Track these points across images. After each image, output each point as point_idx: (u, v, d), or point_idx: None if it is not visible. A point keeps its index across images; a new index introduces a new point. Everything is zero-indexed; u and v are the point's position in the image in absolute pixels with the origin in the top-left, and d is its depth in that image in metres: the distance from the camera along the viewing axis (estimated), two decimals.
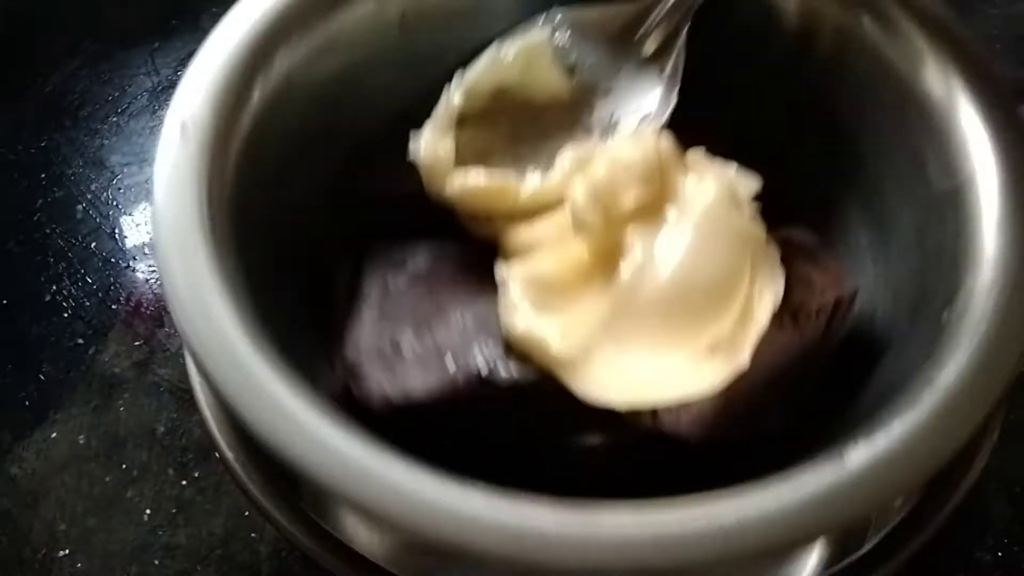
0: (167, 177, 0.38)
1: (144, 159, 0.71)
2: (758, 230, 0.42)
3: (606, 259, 0.42)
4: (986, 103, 0.41)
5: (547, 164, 0.46)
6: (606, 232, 0.42)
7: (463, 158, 0.46)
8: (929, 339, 0.37)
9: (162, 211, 0.37)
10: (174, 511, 0.53)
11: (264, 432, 0.33)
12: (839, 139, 0.48)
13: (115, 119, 0.74)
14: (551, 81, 0.48)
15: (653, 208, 0.42)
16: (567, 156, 0.45)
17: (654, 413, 0.39)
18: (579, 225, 0.42)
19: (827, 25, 0.47)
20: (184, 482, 0.54)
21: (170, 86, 0.76)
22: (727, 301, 0.40)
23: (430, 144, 0.44)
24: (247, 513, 0.52)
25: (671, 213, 0.42)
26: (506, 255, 0.44)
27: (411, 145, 0.45)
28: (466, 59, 0.48)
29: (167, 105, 0.73)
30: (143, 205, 0.68)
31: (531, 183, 0.44)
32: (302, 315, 0.44)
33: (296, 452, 0.32)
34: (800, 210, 0.46)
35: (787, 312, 0.41)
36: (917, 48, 0.43)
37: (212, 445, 0.40)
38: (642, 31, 0.48)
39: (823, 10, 0.46)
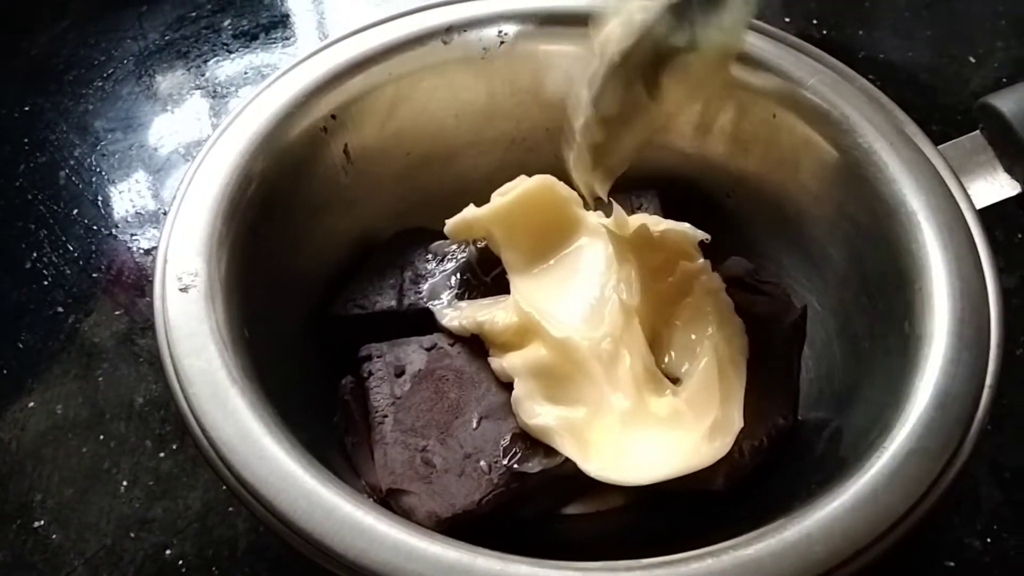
0: (183, 335, 0.40)
1: (129, 125, 0.70)
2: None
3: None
4: (892, 141, 0.46)
5: None
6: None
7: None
8: (899, 352, 0.41)
9: (187, 367, 0.39)
10: (151, 483, 0.52)
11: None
12: (759, 195, 0.53)
13: (100, 84, 0.73)
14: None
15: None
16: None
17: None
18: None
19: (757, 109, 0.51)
20: (162, 454, 0.53)
21: (157, 50, 0.75)
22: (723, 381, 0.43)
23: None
24: (225, 487, 0.51)
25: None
26: (493, 345, 0.47)
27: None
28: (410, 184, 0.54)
29: (154, 70, 0.72)
30: (127, 172, 0.67)
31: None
32: (323, 435, 0.46)
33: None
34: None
35: (755, 358, 0.45)
36: (828, 110, 0.48)
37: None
38: None
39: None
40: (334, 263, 0.53)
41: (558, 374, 0.44)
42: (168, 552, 0.49)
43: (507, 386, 0.45)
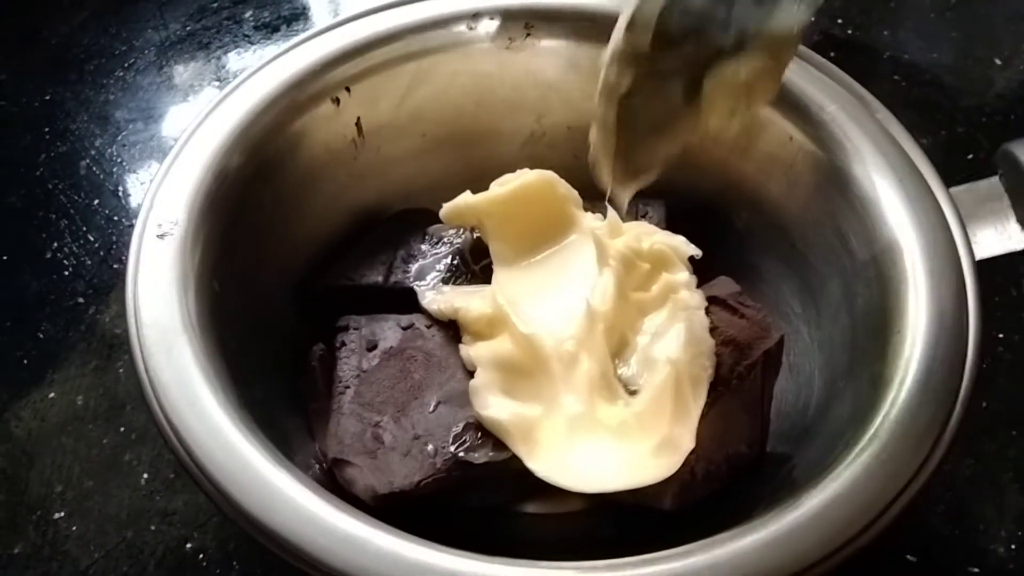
0: (147, 279, 0.41)
1: (150, 116, 0.70)
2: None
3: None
4: (901, 178, 0.45)
5: None
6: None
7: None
8: (866, 393, 0.40)
9: (145, 311, 0.41)
10: (172, 476, 0.52)
11: (256, 511, 0.35)
12: (766, 217, 0.52)
13: (121, 74, 0.73)
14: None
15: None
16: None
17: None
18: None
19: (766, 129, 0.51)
20: None
21: (179, 41, 0.74)
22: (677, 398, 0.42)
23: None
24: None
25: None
26: (467, 332, 0.47)
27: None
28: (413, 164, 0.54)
29: (175, 61, 0.72)
30: (148, 162, 0.67)
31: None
32: (283, 396, 0.46)
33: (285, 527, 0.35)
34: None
35: (720, 381, 0.44)
36: (843, 139, 0.47)
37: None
38: None
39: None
40: (332, 233, 0.53)
41: (519, 369, 0.44)
42: (188, 545, 0.49)
43: (473, 375, 0.45)
